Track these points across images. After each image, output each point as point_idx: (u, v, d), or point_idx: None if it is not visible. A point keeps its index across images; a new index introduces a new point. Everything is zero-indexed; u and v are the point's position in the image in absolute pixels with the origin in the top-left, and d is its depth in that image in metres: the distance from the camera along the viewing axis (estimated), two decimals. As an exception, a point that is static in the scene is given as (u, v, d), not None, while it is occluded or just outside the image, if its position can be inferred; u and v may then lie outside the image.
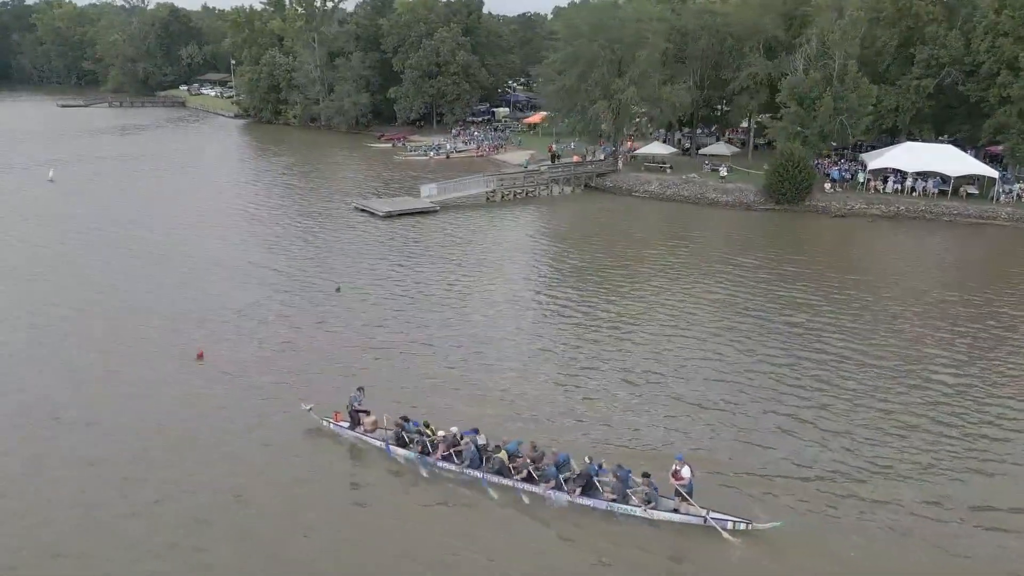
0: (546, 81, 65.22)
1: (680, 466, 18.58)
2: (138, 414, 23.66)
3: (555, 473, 19.16)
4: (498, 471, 19.71)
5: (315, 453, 21.85)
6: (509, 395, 25.10)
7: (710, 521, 17.75)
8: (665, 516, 18.27)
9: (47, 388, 25.50)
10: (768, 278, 38.21)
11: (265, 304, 33.98)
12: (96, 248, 43.07)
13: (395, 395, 24.57)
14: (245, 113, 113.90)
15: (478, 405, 24.23)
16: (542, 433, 22.08)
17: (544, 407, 24.23)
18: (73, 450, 21.72)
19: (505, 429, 21.96)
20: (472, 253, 43.04)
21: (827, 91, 53.50)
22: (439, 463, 20.46)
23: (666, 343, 29.58)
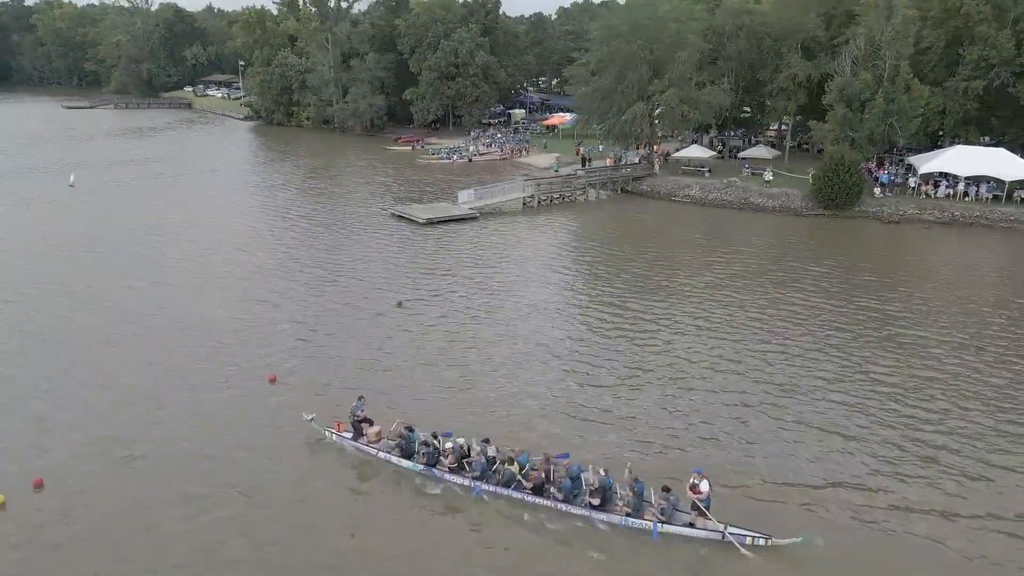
0: (579, 83, 62.68)
1: (699, 480, 17.81)
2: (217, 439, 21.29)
3: (570, 487, 18.36)
4: (508, 483, 18.82)
5: (316, 464, 20.83)
6: (614, 419, 22.80)
7: (728, 536, 17.04)
8: (681, 531, 17.54)
9: (119, 417, 23.04)
10: (842, 289, 35.81)
11: (325, 318, 31.62)
12: (135, 259, 40.18)
13: (465, 416, 22.87)
14: (256, 115, 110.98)
15: (560, 427, 22.12)
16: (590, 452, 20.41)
17: (644, 430, 21.96)
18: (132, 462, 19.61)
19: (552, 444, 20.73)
20: (524, 263, 40.53)
21: (878, 92, 51.28)
22: (447, 475, 19.53)
23: (763, 366, 27.24)
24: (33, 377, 25.78)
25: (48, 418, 23.04)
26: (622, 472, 18.63)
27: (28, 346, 28.51)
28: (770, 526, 17.47)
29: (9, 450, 21.29)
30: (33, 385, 25.19)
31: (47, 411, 23.46)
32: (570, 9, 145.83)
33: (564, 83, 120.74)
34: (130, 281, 36.35)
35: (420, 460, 19.90)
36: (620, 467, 19.01)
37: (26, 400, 24.16)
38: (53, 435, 22.09)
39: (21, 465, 20.42)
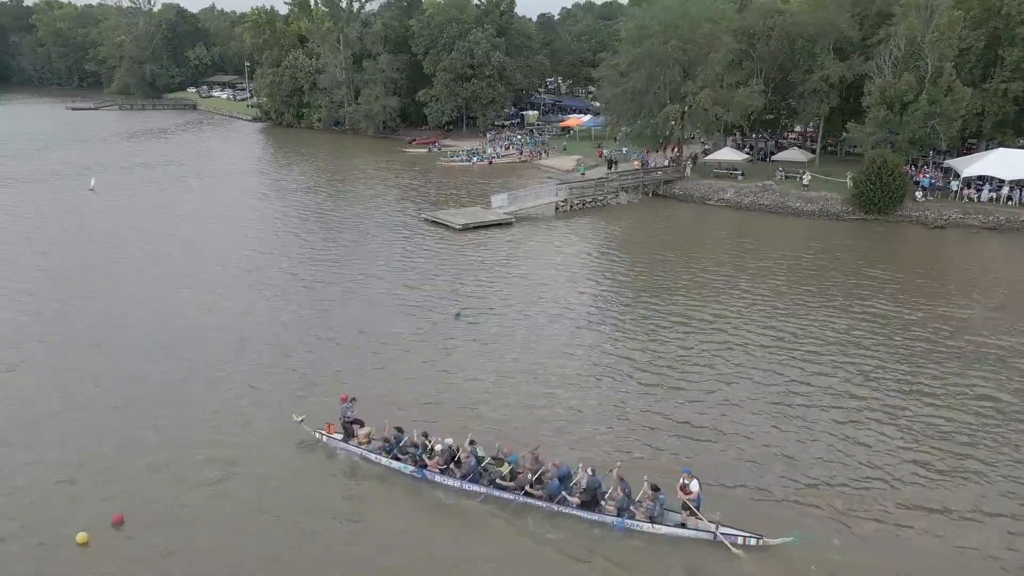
0: (609, 84, 60.83)
1: (688, 480, 17.57)
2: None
3: (559, 487, 18.09)
4: (497, 484, 18.60)
5: (306, 466, 20.47)
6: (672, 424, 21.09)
7: (719, 536, 16.81)
8: (671, 531, 17.33)
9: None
10: (909, 297, 34.17)
11: (385, 328, 29.81)
12: (182, 268, 38.32)
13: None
14: (266, 116, 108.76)
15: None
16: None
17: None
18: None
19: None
20: (571, 272, 38.73)
21: (921, 94, 49.66)
22: (436, 476, 19.32)
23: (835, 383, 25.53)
24: (104, 402, 23.92)
25: (129, 443, 21.39)
26: (609, 472, 18.36)
27: (96, 368, 26.58)
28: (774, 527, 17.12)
29: (84, 482, 19.57)
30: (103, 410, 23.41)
31: (128, 438, 21.74)
32: (573, 9, 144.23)
33: (575, 85, 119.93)
34: (179, 291, 34.57)
35: (409, 461, 19.72)
36: (614, 468, 18.48)
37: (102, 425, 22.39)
38: (126, 462, 20.39)
39: (98, 498, 18.76)
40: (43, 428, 22.26)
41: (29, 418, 22.76)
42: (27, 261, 39.42)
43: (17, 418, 22.74)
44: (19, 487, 19.30)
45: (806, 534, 16.88)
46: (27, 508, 18.44)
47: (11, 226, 46.68)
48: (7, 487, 19.32)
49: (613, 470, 18.22)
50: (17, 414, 23.02)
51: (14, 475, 19.82)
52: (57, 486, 19.34)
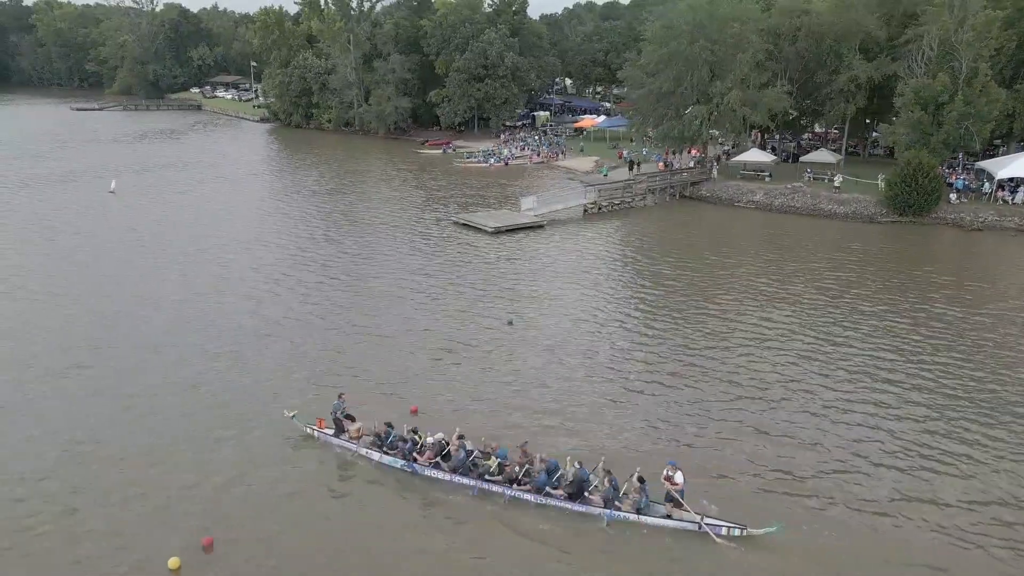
0: (634, 85, 59.56)
1: (673, 471, 17.72)
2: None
3: (546, 480, 18.17)
4: (486, 477, 18.69)
5: (297, 461, 20.29)
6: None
7: (704, 527, 16.97)
8: (657, 522, 17.40)
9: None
10: (968, 298, 33.11)
11: (442, 335, 28.60)
12: (215, 274, 36.85)
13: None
14: (274, 117, 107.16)
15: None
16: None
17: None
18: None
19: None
20: (614, 277, 37.52)
21: (957, 95, 48.60)
22: (426, 469, 19.38)
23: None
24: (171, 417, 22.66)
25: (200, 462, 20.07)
26: (596, 465, 18.55)
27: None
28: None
29: (171, 507, 18.29)
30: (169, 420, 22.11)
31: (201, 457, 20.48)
32: (575, 10, 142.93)
33: (584, 85, 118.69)
34: (224, 297, 33.30)
35: (399, 455, 19.71)
36: (600, 462, 18.73)
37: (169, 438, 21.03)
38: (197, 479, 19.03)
39: (188, 524, 17.56)
40: (113, 434, 21.25)
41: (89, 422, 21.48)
42: (66, 267, 37.97)
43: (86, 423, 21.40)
44: (111, 502, 18.23)
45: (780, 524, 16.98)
46: (116, 529, 17.36)
47: (45, 231, 45.13)
48: (98, 501, 18.28)
49: (599, 464, 18.50)
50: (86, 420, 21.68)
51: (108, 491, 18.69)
52: (144, 505, 18.22)
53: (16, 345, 27.64)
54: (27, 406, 23.06)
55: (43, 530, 17.28)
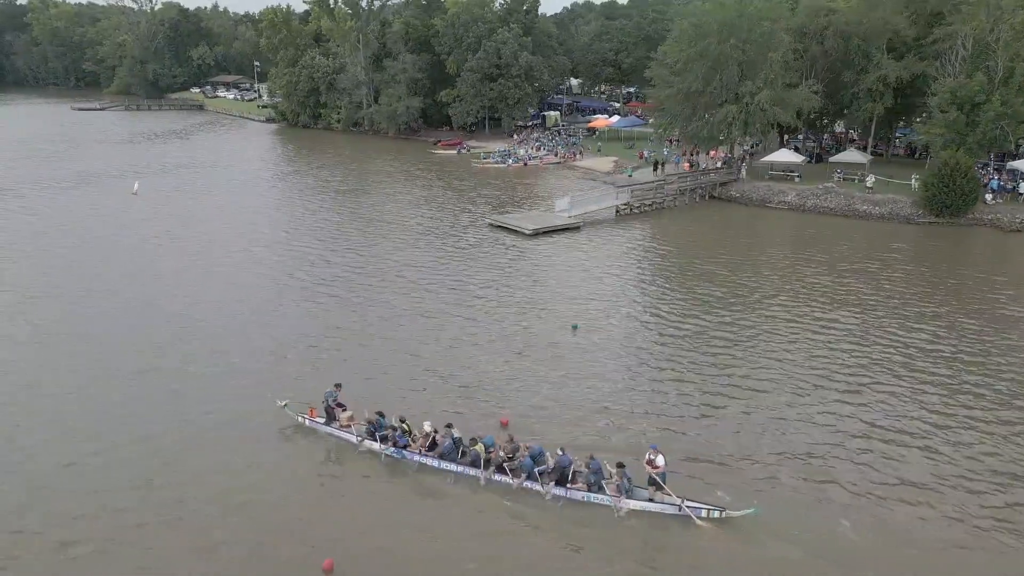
0: (662, 84, 58.49)
1: (655, 455, 18.13)
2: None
3: (530, 465, 18.69)
4: (473, 463, 19.13)
5: (289, 449, 20.82)
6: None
7: (685, 509, 17.40)
8: (640, 505, 17.81)
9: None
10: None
11: (504, 342, 27.39)
12: (252, 281, 35.66)
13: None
14: (281, 117, 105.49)
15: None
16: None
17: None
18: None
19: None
20: (668, 278, 36.51)
21: (995, 95, 47.87)
22: (415, 457, 19.84)
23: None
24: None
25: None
26: (581, 452, 18.95)
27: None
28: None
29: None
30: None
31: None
32: (575, 9, 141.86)
33: (593, 85, 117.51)
34: (284, 306, 32.06)
35: (389, 443, 20.16)
36: (581, 449, 19.26)
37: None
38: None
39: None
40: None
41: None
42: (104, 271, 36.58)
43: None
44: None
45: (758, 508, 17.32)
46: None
47: (82, 236, 43.95)
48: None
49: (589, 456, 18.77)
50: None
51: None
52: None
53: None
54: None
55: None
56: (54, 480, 19.06)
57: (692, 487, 18.30)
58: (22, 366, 25.70)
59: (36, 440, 21.04)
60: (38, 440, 21.03)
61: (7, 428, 21.70)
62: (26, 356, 26.57)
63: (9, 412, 22.60)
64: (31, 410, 22.73)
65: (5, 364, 25.83)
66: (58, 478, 19.14)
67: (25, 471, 19.51)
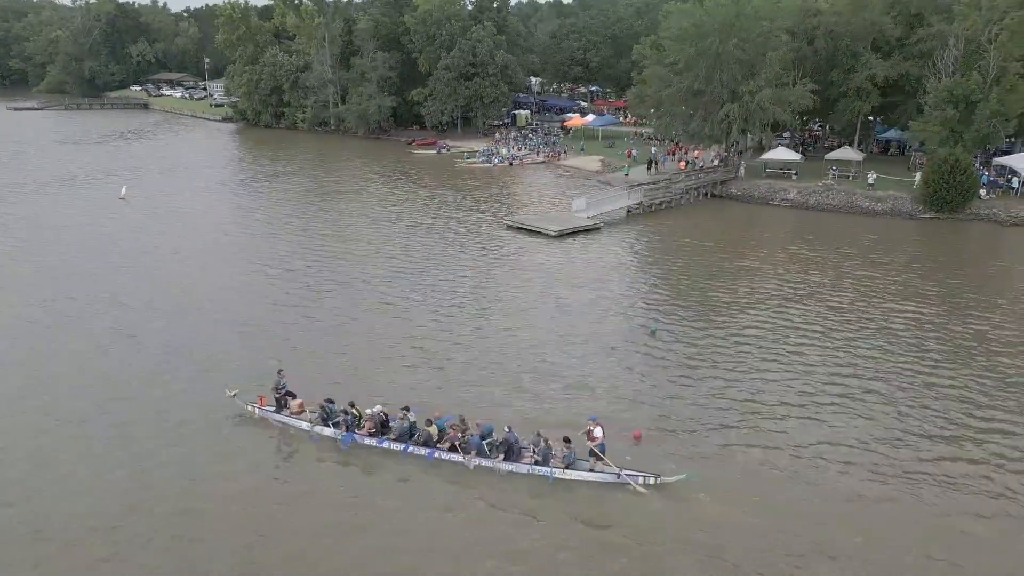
0: (661, 83, 58.01)
1: (593, 427, 18.95)
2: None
3: (479, 442, 19.32)
4: (425, 444, 19.68)
5: (240, 438, 20.81)
6: None
7: (623, 477, 18.20)
8: (582, 476, 18.58)
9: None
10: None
11: (596, 345, 26.00)
12: (278, 291, 33.17)
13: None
14: (241, 116, 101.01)
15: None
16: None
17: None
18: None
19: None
20: (704, 275, 35.77)
21: (991, 93, 49.13)
22: (366, 439, 20.27)
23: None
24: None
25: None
26: (528, 429, 19.66)
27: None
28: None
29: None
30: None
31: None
32: (524, 8, 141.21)
33: (562, 83, 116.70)
34: (310, 314, 29.76)
35: (341, 428, 20.45)
36: (529, 425, 20.08)
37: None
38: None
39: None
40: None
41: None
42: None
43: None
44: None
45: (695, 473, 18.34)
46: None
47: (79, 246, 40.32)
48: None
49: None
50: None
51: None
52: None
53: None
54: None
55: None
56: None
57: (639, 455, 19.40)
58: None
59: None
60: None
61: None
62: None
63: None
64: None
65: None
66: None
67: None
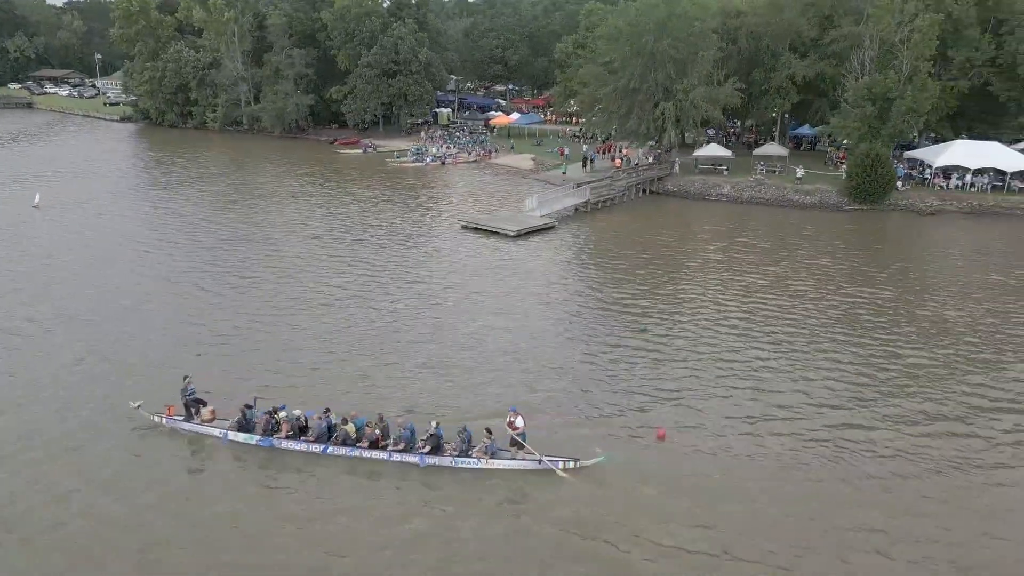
0: (599, 83, 58.56)
1: (514, 416, 19.50)
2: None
3: (407, 436, 19.55)
4: (344, 443, 19.75)
5: (149, 451, 20.09)
6: None
7: (544, 463, 18.91)
8: (505, 464, 19.16)
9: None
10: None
11: (596, 346, 25.83)
12: (242, 300, 31.24)
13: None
14: (142, 116, 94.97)
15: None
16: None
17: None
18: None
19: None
20: (687, 272, 36.54)
21: (907, 91, 52.39)
22: (284, 442, 20.08)
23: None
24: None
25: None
26: (451, 423, 20.05)
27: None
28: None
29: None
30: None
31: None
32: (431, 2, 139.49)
33: (480, 81, 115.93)
34: (284, 324, 28.08)
35: (258, 432, 20.22)
36: (454, 420, 20.41)
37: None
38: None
39: None
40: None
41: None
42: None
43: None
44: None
45: (611, 454, 19.34)
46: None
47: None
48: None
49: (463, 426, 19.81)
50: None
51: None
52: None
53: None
54: None
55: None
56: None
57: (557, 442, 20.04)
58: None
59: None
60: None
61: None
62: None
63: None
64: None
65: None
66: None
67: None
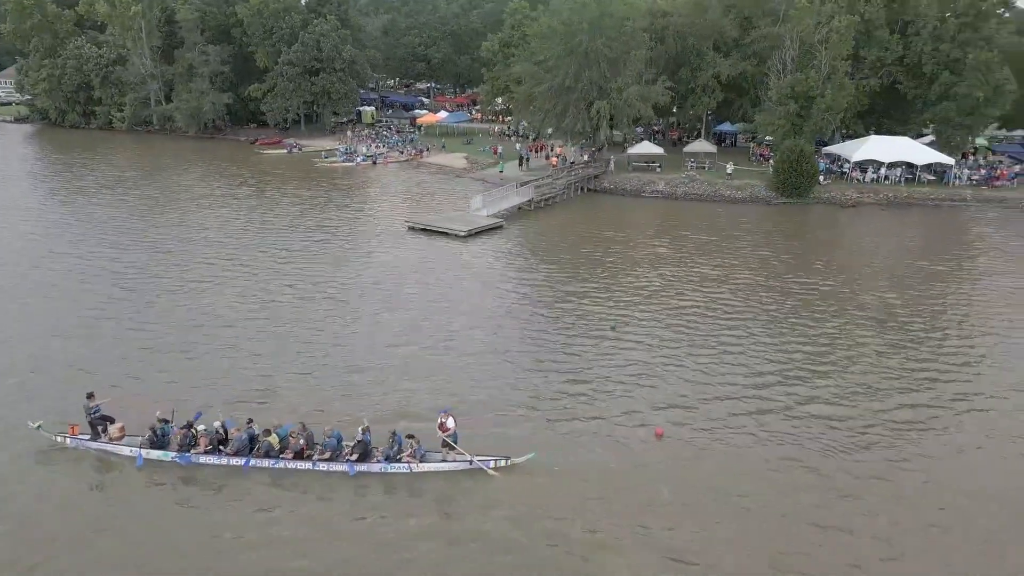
0: (534, 81, 58.63)
1: (445, 418, 19.53)
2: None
3: (334, 445, 19.34)
4: (267, 454, 19.29)
5: (51, 475, 19.00)
6: None
7: (476, 463, 19.01)
8: (435, 467, 19.13)
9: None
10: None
11: (557, 350, 25.80)
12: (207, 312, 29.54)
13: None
14: (40, 116, 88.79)
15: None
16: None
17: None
18: None
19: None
20: (647, 266, 37.03)
21: (827, 89, 54.93)
22: (201, 457, 19.36)
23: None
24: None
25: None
26: (382, 428, 19.80)
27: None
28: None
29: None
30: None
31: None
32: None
33: (404, 79, 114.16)
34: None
35: (173, 448, 19.47)
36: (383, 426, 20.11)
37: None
38: None
39: None
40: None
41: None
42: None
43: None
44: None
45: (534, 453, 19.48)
46: None
47: None
48: None
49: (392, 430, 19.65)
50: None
51: None
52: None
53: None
54: None
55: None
56: None
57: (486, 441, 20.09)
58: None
59: None
60: None
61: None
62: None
63: None
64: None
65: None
66: None
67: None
